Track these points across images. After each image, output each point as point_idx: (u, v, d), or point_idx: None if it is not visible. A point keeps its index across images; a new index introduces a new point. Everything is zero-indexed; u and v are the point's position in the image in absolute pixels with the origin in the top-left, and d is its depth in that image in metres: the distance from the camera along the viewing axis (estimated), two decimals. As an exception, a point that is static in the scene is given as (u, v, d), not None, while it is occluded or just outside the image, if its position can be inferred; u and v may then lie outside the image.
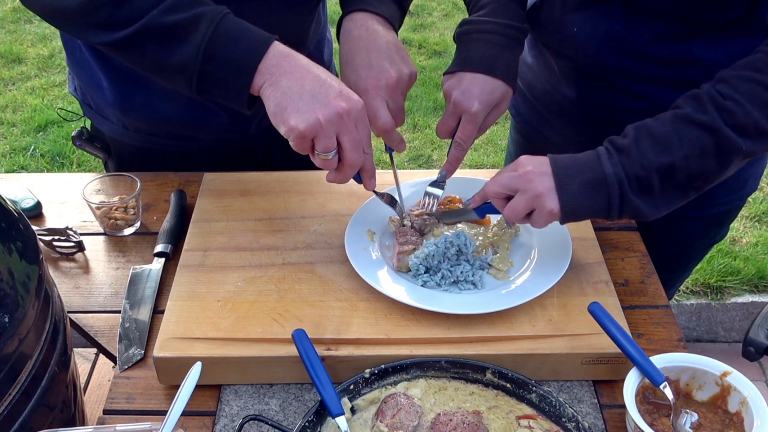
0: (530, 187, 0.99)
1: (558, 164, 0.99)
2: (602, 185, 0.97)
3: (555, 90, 1.34)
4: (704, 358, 0.95)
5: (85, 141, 1.44)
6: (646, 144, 0.97)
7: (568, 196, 0.98)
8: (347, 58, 1.11)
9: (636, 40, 1.16)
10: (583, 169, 0.98)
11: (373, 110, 1.06)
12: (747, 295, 2.53)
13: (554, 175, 0.98)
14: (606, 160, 0.98)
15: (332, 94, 0.94)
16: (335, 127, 0.95)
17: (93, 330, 1.11)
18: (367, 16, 1.12)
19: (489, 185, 1.04)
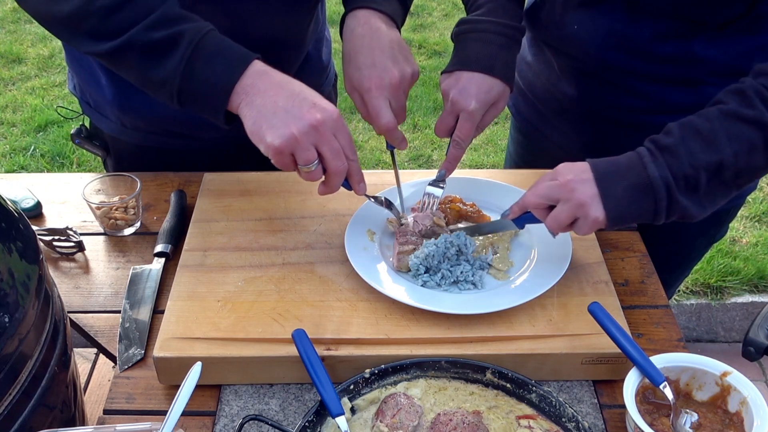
0: (573, 196, 0.97)
1: (599, 170, 0.97)
2: (648, 189, 0.95)
3: (555, 88, 1.34)
4: (704, 358, 0.95)
5: (83, 139, 1.44)
6: (693, 142, 0.95)
7: (613, 203, 0.96)
8: (350, 56, 1.11)
9: (637, 38, 1.16)
10: (626, 173, 0.96)
11: (376, 109, 1.06)
12: (747, 295, 2.53)
13: (597, 182, 0.96)
14: (650, 162, 0.95)
15: (305, 107, 0.95)
16: (312, 139, 0.95)
17: (93, 330, 1.11)
18: (370, 14, 1.12)
19: (529, 196, 1.02)
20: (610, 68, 1.21)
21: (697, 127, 0.96)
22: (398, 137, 1.11)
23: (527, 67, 1.42)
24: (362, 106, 1.11)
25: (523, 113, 1.49)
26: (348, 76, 1.11)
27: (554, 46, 1.29)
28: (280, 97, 0.96)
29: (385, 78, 1.07)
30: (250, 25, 1.23)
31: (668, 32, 1.13)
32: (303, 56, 1.39)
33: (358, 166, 1.02)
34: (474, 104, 1.09)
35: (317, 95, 0.98)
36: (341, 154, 0.98)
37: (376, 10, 1.12)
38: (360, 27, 1.12)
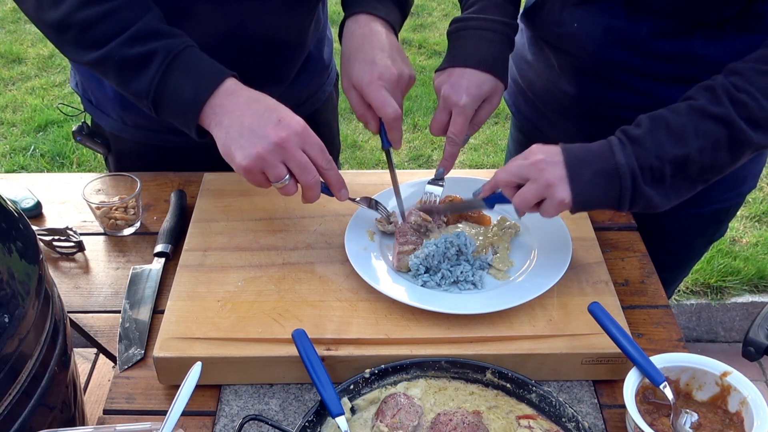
0: (541, 176, 0.98)
1: (570, 154, 0.99)
2: (615, 175, 0.97)
3: (555, 87, 1.34)
4: (704, 358, 0.95)
5: (85, 136, 1.44)
6: (662, 135, 0.97)
7: (580, 186, 0.97)
8: (350, 54, 1.12)
9: (636, 36, 1.16)
10: (595, 159, 0.98)
11: (380, 100, 1.08)
12: (747, 295, 2.53)
13: (566, 165, 0.98)
14: (619, 151, 0.97)
15: (270, 125, 0.98)
16: (279, 156, 0.98)
17: (93, 330, 1.11)
18: (371, 18, 1.14)
19: (499, 173, 1.03)
20: (610, 66, 1.22)
21: (667, 120, 0.98)
22: (399, 132, 1.12)
23: (527, 66, 1.42)
24: (359, 104, 1.12)
25: (523, 112, 1.49)
26: (346, 73, 1.12)
27: (554, 45, 1.29)
28: (246, 116, 0.99)
29: (385, 74, 1.08)
30: (250, 25, 1.24)
31: (667, 30, 1.14)
32: (304, 56, 1.39)
33: (336, 173, 1.04)
34: (465, 98, 1.09)
35: (284, 110, 1.01)
36: (310, 168, 1.00)
37: (376, 16, 1.14)
38: (360, 29, 1.14)
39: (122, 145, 1.44)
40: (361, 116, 1.13)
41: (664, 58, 1.17)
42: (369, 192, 1.23)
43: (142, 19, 1.04)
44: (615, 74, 1.22)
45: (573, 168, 0.98)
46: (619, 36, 1.18)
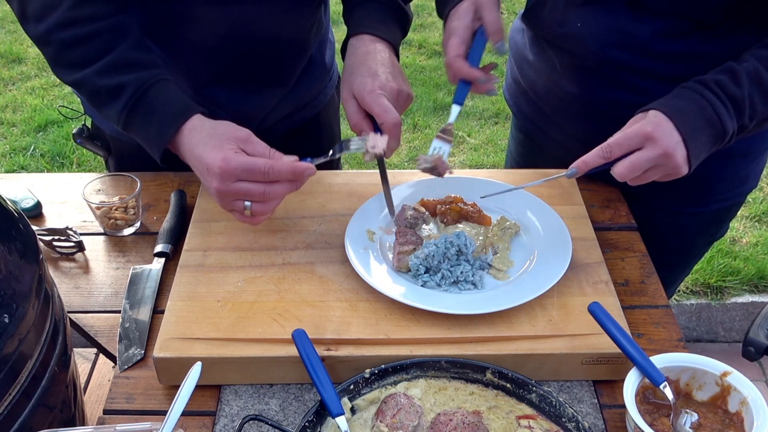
0: (669, 162, 1.01)
1: (685, 126, 1.00)
2: (720, 138, 1.04)
3: (557, 86, 1.34)
4: (704, 358, 0.95)
5: (85, 138, 1.44)
6: (756, 95, 1.03)
7: (697, 157, 1.03)
8: (352, 68, 1.14)
9: (639, 37, 1.17)
10: (706, 127, 1.02)
11: (382, 107, 1.08)
12: (747, 295, 2.53)
13: (685, 143, 1.00)
14: (725, 115, 1.02)
15: (205, 177, 1.03)
16: (228, 198, 1.03)
17: (93, 330, 1.11)
18: (374, 39, 1.18)
19: (623, 171, 1.01)
20: (612, 65, 1.22)
21: (762, 79, 1.03)
22: (398, 140, 1.11)
23: (528, 66, 1.42)
24: (356, 113, 1.12)
25: (524, 112, 1.50)
26: (347, 84, 1.13)
27: (556, 44, 1.30)
28: (194, 165, 1.06)
29: (386, 85, 1.10)
30: (253, 28, 1.24)
31: (670, 30, 1.14)
32: (306, 58, 1.40)
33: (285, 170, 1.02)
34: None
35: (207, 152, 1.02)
36: (255, 189, 1.02)
37: (379, 37, 1.18)
38: (364, 46, 1.17)
39: (123, 148, 1.44)
40: (356, 125, 1.13)
41: (666, 58, 1.17)
42: (369, 192, 1.24)
43: (118, 47, 1.08)
44: (617, 73, 1.22)
45: (692, 144, 1.01)
46: (622, 36, 1.18)
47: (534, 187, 1.26)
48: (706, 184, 1.32)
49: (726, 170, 1.31)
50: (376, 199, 1.22)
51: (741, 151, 1.29)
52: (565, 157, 1.42)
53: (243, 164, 1.00)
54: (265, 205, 1.03)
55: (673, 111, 1.01)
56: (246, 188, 1.01)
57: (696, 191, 1.33)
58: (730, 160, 1.29)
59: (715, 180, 1.32)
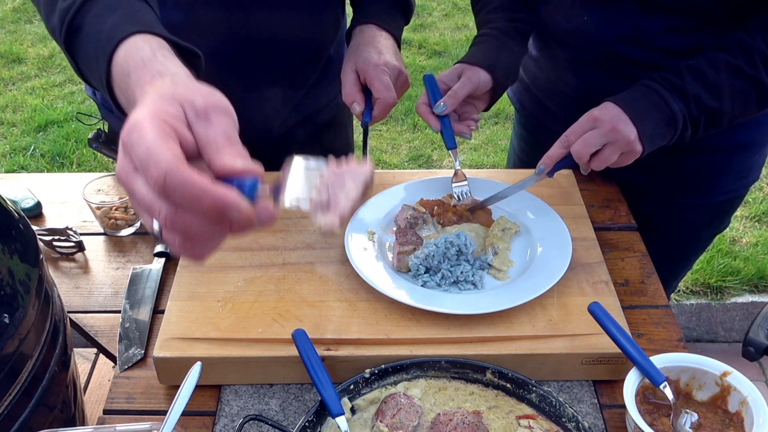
0: (621, 137, 1.06)
1: (630, 108, 1.07)
2: (671, 121, 1.08)
3: (561, 81, 1.34)
4: (704, 358, 0.95)
5: (102, 143, 1.43)
6: (701, 88, 1.07)
7: (648, 138, 1.07)
8: (358, 46, 1.21)
9: (647, 33, 1.17)
10: (652, 109, 1.08)
11: (384, 83, 1.15)
12: (747, 295, 2.53)
13: (633, 120, 1.06)
14: (669, 98, 1.07)
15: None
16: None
17: (93, 330, 1.11)
18: (379, 29, 1.24)
19: (579, 148, 1.08)
20: (619, 60, 1.22)
21: (705, 74, 1.08)
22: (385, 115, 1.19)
23: (531, 62, 1.42)
24: (353, 84, 1.18)
25: (528, 109, 1.50)
26: (351, 58, 1.19)
27: (560, 40, 1.30)
28: None
29: (389, 64, 1.17)
30: (275, 32, 1.25)
31: (678, 26, 1.15)
32: (325, 59, 1.40)
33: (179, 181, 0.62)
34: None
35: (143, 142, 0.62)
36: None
37: (383, 29, 1.24)
38: (370, 32, 1.23)
39: None
40: (350, 95, 1.19)
41: (674, 52, 1.18)
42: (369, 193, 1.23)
43: None
44: (624, 68, 1.23)
45: (640, 122, 1.06)
46: (630, 32, 1.19)
47: (534, 187, 1.26)
48: (712, 176, 1.33)
49: (730, 162, 1.32)
50: (377, 198, 1.22)
51: (743, 144, 1.30)
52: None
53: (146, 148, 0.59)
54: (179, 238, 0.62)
55: (620, 99, 1.09)
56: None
57: (703, 184, 1.34)
58: (734, 152, 1.30)
59: (721, 173, 1.33)
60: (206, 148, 0.60)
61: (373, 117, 1.20)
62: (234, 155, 0.59)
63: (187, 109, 0.61)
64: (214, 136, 0.60)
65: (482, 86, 1.18)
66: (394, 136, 3.34)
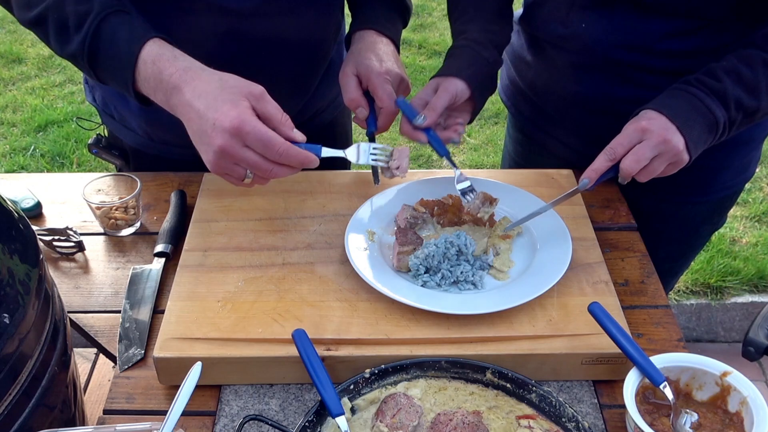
0: (671, 148, 1.04)
1: (678, 118, 1.05)
2: (714, 128, 1.07)
3: (558, 85, 1.34)
4: (704, 358, 0.95)
5: (102, 148, 1.43)
6: (739, 89, 1.07)
7: (694, 146, 1.07)
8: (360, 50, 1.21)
9: (646, 38, 1.17)
10: (697, 117, 1.07)
11: (387, 92, 1.16)
12: (747, 295, 2.53)
13: (681, 130, 1.05)
14: (712, 104, 1.07)
15: (209, 131, 0.94)
16: (228, 160, 0.96)
17: (93, 330, 1.11)
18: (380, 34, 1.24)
19: (630, 164, 1.05)
20: (617, 64, 1.22)
21: (741, 74, 1.07)
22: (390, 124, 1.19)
23: (527, 67, 1.42)
24: (355, 90, 1.18)
25: (524, 112, 1.50)
26: (353, 62, 1.19)
27: (557, 45, 1.30)
28: (192, 121, 0.97)
29: (391, 72, 1.17)
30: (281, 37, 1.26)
31: (678, 30, 1.15)
32: (327, 62, 1.40)
33: (294, 156, 0.97)
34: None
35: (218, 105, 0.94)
36: (261, 164, 0.96)
37: (383, 34, 1.24)
38: (370, 37, 1.23)
39: (143, 160, 1.44)
40: (353, 101, 1.19)
41: (673, 55, 1.18)
42: (369, 192, 1.24)
43: None
44: (622, 71, 1.23)
45: (687, 131, 1.05)
46: (628, 37, 1.18)
47: (534, 187, 1.26)
48: (711, 173, 1.34)
49: (729, 159, 1.34)
50: (377, 198, 1.22)
51: (743, 140, 1.31)
52: (568, 155, 1.43)
53: (261, 134, 0.93)
54: (264, 180, 1.01)
55: (664, 106, 1.07)
56: (254, 160, 0.95)
57: (702, 180, 1.35)
58: (734, 149, 1.31)
59: (720, 168, 1.34)
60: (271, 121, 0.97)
61: (378, 127, 1.20)
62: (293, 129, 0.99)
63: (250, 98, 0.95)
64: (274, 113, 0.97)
65: (460, 96, 1.17)
66: (394, 136, 3.34)
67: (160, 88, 0.98)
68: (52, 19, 1.02)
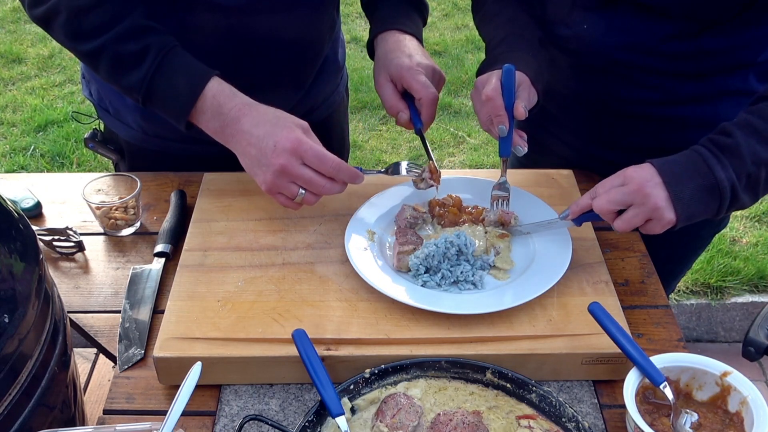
0: (648, 201, 0.99)
1: (667, 173, 1.00)
2: (715, 190, 0.99)
3: (560, 84, 1.34)
4: (704, 358, 0.95)
5: (98, 143, 1.43)
6: (753, 141, 1.00)
7: (684, 206, 1.00)
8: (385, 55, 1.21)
9: (648, 40, 1.17)
10: (693, 175, 1.00)
11: (420, 82, 1.15)
12: (747, 295, 2.53)
13: (666, 186, 0.99)
14: (716, 165, 0.99)
15: (269, 153, 1.04)
16: (286, 179, 1.05)
17: (93, 330, 1.11)
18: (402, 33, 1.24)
19: (602, 203, 1.02)
20: (619, 65, 1.22)
21: (755, 125, 1.01)
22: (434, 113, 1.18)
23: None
24: (393, 95, 1.19)
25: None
26: (383, 69, 1.19)
27: (559, 45, 1.30)
28: (251, 146, 1.06)
29: (422, 63, 1.18)
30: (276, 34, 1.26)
31: (679, 32, 1.15)
32: (322, 59, 1.40)
33: (345, 171, 1.06)
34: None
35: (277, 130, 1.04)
36: (315, 181, 1.05)
37: (406, 32, 1.24)
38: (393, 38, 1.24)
39: (138, 154, 1.44)
40: (393, 107, 1.20)
41: (675, 57, 1.18)
42: (369, 192, 1.24)
43: (132, 14, 1.08)
44: (624, 72, 1.23)
45: (674, 187, 0.99)
46: (630, 39, 1.18)
47: (534, 187, 1.26)
48: None
49: None
50: (377, 198, 1.22)
51: None
52: (570, 154, 1.43)
53: (316, 152, 1.04)
54: (315, 198, 1.07)
55: (660, 161, 1.02)
56: (309, 176, 1.05)
57: None
58: None
59: None
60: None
61: (423, 121, 1.19)
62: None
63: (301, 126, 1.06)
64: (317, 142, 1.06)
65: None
66: (394, 136, 3.34)
67: (217, 119, 1.08)
68: (107, 54, 1.09)
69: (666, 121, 1.26)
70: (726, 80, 1.20)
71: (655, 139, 1.27)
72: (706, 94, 1.22)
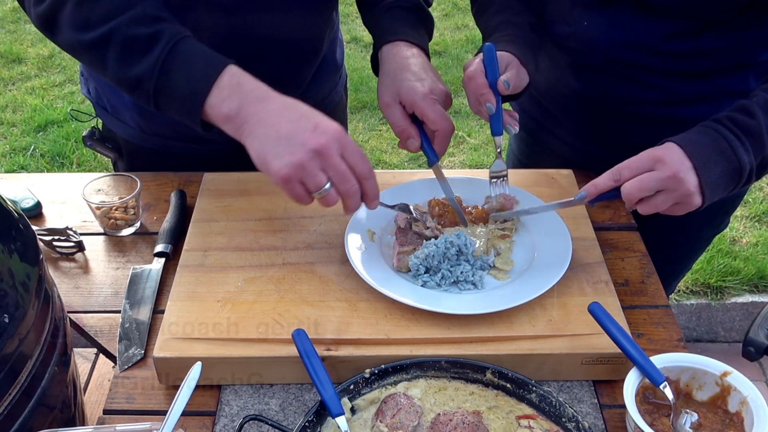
0: (680, 187, 0.97)
1: (697, 156, 0.98)
2: (737, 173, 0.99)
3: (561, 83, 1.34)
4: (704, 358, 0.95)
5: (96, 141, 1.43)
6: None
7: (711, 190, 0.99)
8: (394, 72, 1.13)
9: (649, 38, 1.17)
10: (720, 159, 0.99)
11: (437, 113, 1.08)
12: (747, 295, 2.53)
13: (696, 170, 0.97)
14: (739, 147, 0.98)
15: (308, 131, 0.93)
16: (317, 164, 0.93)
17: (93, 330, 1.11)
18: (409, 45, 1.18)
19: (631, 190, 0.99)
20: (620, 63, 1.22)
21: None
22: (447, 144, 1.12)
23: None
24: (402, 118, 1.12)
25: (528, 111, 1.50)
26: (392, 88, 1.12)
27: (560, 43, 1.30)
28: (282, 123, 0.94)
29: (435, 89, 1.10)
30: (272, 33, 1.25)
31: (680, 31, 1.15)
32: (320, 58, 1.40)
33: (374, 183, 0.98)
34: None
35: (320, 116, 0.96)
36: (350, 176, 0.95)
37: (413, 44, 1.17)
38: (401, 52, 1.16)
39: (136, 153, 1.43)
40: (403, 131, 1.12)
41: (675, 56, 1.18)
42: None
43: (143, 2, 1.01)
44: (625, 71, 1.23)
45: (703, 172, 0.98)
46: (631, 37, 1.18)
47: (534, 187, 1.26)
48: None
49: None
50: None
51: None
52: (570, 154, 1.43)
53: (358, 148, 0.95)
54: (336, 199, 0.96)
55: (686, 141, 0.99)
56: (343, 169, 0.94)
57: None
58: None
59: None
60: None
61: (438, 153, 1.13)
62: None
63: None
64: None
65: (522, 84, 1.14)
66: (394, 137, 3.33)
67: (236, 98, 0.96)
68: (116, 40, 0.99)
69: (666, 121, 1.26)
70: (726, 80, 1.20)
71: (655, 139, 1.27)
72: (706, 94, 1.22)
